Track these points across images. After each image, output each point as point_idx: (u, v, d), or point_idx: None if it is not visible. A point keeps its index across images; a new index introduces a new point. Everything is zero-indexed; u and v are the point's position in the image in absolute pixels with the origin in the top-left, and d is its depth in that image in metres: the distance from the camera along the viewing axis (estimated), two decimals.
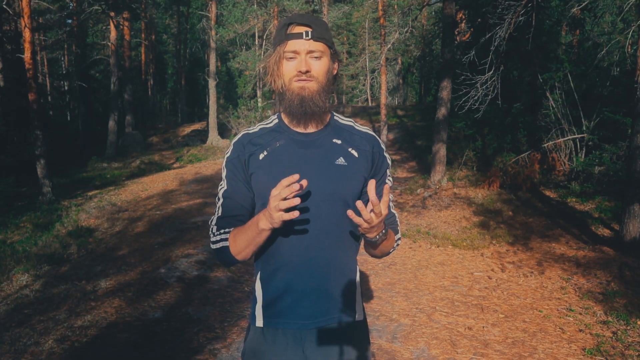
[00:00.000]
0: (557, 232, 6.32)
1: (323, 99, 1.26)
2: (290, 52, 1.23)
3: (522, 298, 4.31)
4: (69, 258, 5.64)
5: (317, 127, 1.31)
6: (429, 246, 6.12)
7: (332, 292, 1.29)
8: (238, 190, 1.31)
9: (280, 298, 1.29)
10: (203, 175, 11.41)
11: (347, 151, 1.31)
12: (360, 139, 1.34)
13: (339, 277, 1.30)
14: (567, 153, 8.56)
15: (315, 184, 1.24)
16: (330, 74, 1.29)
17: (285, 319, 1.29)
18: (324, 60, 1.25)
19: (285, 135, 1.32)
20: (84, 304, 3.87)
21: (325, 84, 1.26)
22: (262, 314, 1.32)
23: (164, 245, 5.55)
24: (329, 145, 1.30)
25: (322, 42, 1.24)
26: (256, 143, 1.33)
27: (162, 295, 4.00)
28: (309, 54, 1.23)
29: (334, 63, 1.30)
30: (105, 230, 6.88)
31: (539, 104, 9.54)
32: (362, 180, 1.30)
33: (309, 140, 1.30)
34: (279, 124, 1.36)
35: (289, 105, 1.27)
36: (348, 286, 1.32)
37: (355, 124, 1.39)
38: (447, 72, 8.94)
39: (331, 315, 1.30)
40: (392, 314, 3.87)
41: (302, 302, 1.27)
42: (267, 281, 1.32)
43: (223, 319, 3.60)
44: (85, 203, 8.83)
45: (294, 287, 1.27)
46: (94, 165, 14.98)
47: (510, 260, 5.51)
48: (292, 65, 1.24)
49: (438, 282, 4.73)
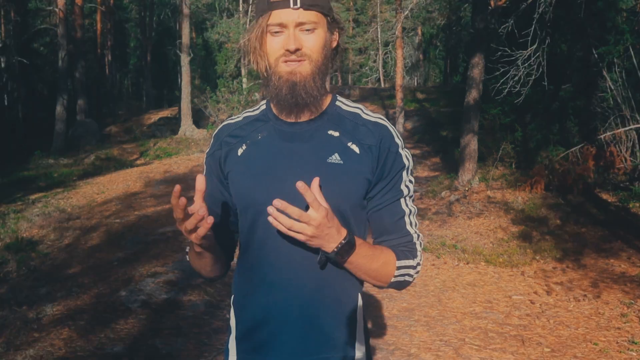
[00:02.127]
0: (616, 245, 6.32)
1: (318, 85, 1.24)
2: (275, 26, 1.20)
3: (573, 328, 4.31)
4: (7, 277, 5.64)
5: (310, 115, 1.29)
6: (457, 263, 6.12)
7: (322, 322, 1.25)
8: (212, 193, 1.31)
9: (257, 328, 1.27)
10: (174, 174, 11.41)
11: (346, 146, 1.27)
12: (365, 131, 1.29)
13: (332, 304, 1.26)
14: (629, 146, 8.56)
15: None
16: (327, 49, 1.26)
17: (263, 355, 1.27)
18: (318, 32, 1.22)
19: (269, 126, 1.31)
20: (25, 334, 3.87)
21: (321, 64, 1.24)
22: (236, 348, 1.32)
23: (125, 262, 5.55)
24: (322, 138, 1.27)
25: (315, 10, 1.20)
26: (236, 135, 1.33)
27: (122, 324, 4.00)
28: (298, 26, 1.20)
29: (332, 34, 1.28)
30: (52, 242, 6.89)
31: (594, 85, 9.56)
32: (365, 183, 1.26)
33: (296, 132, 1.28)
34: (265, 111, 1.35)
35: (276, 94, 1.25)
36: (345, 316, 1.28)
37: (364, 111, 1.34)
38: (479, 46, 8.95)
39: (322, 354, 1.25)
40: (410, 347, 3.87)
41: (283, 333, 1.24)
42: (240, 307, 1.32)
43: (199, 354, 3.61)
44: (27, 209, 8.82)
45: (272, 314, 1.25)
46: (37, 161, 14.98)
47: (558, 280, 5.52)
48: (278, 41, 1.21)
49: (468, 308, 4.73)
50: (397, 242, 1.28)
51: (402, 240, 1.29)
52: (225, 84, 16.71)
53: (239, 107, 15.40)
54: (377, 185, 1.28)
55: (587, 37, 9.36)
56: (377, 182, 1.28)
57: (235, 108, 15.41)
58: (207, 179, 1.29)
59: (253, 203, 1.25)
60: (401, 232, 1.29)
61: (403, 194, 1.29)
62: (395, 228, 1.29)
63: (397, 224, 1.29)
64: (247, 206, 1.27)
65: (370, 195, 1.29)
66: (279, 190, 1.18)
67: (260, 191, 1.23)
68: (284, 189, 1.18)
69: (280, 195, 1.11)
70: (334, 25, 1.28)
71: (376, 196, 1.28)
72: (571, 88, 10.01)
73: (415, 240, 1.30)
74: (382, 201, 1.28)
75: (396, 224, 1.29)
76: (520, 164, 10.08)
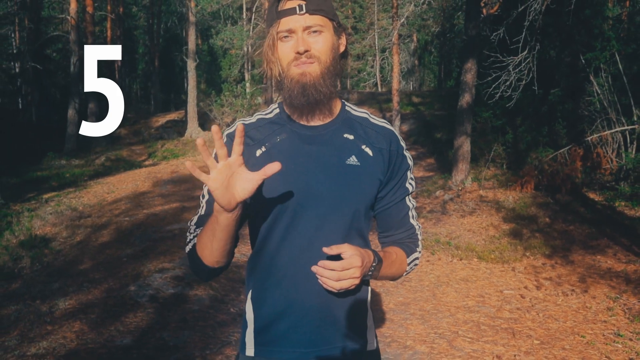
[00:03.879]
0: (603, 242, 6.32)
1: (328, 84, 1.25)
2: (284, 32, 1.23)
3: (562, 321, 4.32)
4: (21, 273, 5.65)
5: (324, 119, 1.31)
6: (450, 259, 6.12)
7: (337, 314, 1.28)
8: None
9: (275, 321, 1.28)
10: (181, 174, 11.42)
11: (361, 149, 1.30)
12: (376, 135, 1.33)
13: (346, 297, 1.29)
14: (614, 148, 8.57)
15: (321, 187, 1.24)
16: (335, 51, 1.27)
17: (280, 347, 1.28)
18: (325, 35, 1.24)
19: (287, 129, 1.32)
20: (39, 327, 3.87)
21: (330, 64, 1.25)
22: (254, 341, 1.32)
23: (134, 258, 5.55)
24: (339, 142, 1.30)
25: (320, 14, 1.23)
26: (253, 136, 1.33)
27: (131, 317, 4.00)
28: (306, 30, 1.22)
29: (339, 37, 1.30)
30: (64, 240, 6.89)
31: (581, 90, 9.55)
32: (377, 184, 1.30)
33: (315, 135, 1.30)
34: (280, 114, 1.36)
35: (289, 96, 1.26)
36: (357, 308, 1.32)
37: (371, 116, 1.38)
38: (472, 52, 8.95)
39: (336, 344, 1.28)
40: (406, 339, 3.87)
41: (301, 326, 1.27)
42: (259, 301, 1.32)
43: (204, 346, 3.61)
44: (40, 207, 8.83)
45: (291, 308, 1.27)
46: (50, 162, 14.98)
47: (547, 275, 5.52)
48: (288, 46, 1.23)
49: (461, 302, 4.73)
50: (403, 236, 1.37)
51: (407, 233, 1.38)
52: (229, 88, 16.71)
53: (242, 110, 15.41)
54: (387, 185, 1.33)
55: (575, 43, 9.36)
56: (387, 182, 1.33)
57: (239, 111, 15.42)
58: None
59: (275, 202, 1.26)
60: (406, 226, 1.38)
61: (408, 192, 1.37)
62: (401, 223, 1.37)
63: (404, 220, 1.37)
64: (269, 205, 1.27)
65: (381, 195, 1.34)
66: (303, 190, 1.22)
67: (283, 190, 1.25)
68: (306, 188, 1.21)
69: (304, 194, 1.18)
70: (340, 30, 1.30)
71: (387, 195, 1.34)
72: (560, 92, 10.00)
73: (417, 231, 1.40)
74: (391, 200, 1.35)
75: (402, 220, 1.37)
76: (511, 164, 10.08)
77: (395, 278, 1.35)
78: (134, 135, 20.46)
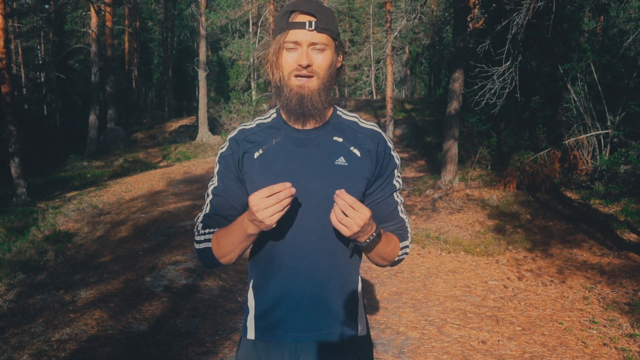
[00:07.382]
0: (579, 237, 6.32)
1: (323, 99, 1.27)
2: (291, 43, 1.23)
3: (541, 309, 4.32)
4: (46, 265, 5.65)
5: (316, 124, 1.32)
6: (439, 252, 6.12)
7: (330, 302, 1.30)
8: (229, 188, 1.33)
9: (274, 308, 1.30)
10: (192, 175, 11.42)
11: (349, 150, 1.31)
12: (364, 137, 1.34)
13: (339, 287, 1.31)
14: (590, 151, 8.57)
15: (312, 186, 1.25)
16: (333, 68, 1.29)
17: (279, 330, 1.29)
18: (327, 53, 1.25)
19: (282, 133, 1.33)
20: (62, 315, 3.88)
21: (326, 80, 1.27)
22: (255, 325, 1.33)
23: (150, 252, 5.56)
24: (328, 144, 1.31)
25: (326, 33, 1.24)
26: (252, 140, 1.34)
27: (147, 306, 4.01)
28: (311, 45, 1.23)
29: (338, 56, 1.31)
30: (86, 235, 6.89)
31: (560, 97, 9.56)
32: (365, 182, 1.31)
33: (307, 138, 1.31)
34: (276, 119, 1.37)
35: (286, 104, 1.28)
36: (349, 297, 1.33)
37: (360, 120, 1.39)
38: (459, 63, 8.95)
39: (330, 329, 1.30)
40: (398, 326, 3.88)
41: (297, 312, 1.28)
42: (259, 289, 1.33)
43: (214, 332, 3.61)
44: (64, 205, 8.83)
45: (288, 296, 1.28)
46: (73, 163, 14.99)
47: (528, 267, 5.52)
48: (293, 57, 1.24)
49: (449, 292, 4.73)
50: (394, 228, 1.37)
51: (397, 225, 1.37)
52: (236, 96, 16.72)
53: (248, 116, 15.40)
54: (375, 182, 1.34)
55: (554, 55, 9.35)
56: (375, 180, 1.33)
57: (246, 117, 15.42)
58: (224, 177, 1.34)
59: None
60: (396, 219, 1.38)
61: (396, 188, 1.37)
62: (391, 217, 1.37)
63: (393, 213, 1.37)
64: None
65: (370, 191, 1.34)
66: (296, 188, 1.22)
67: None
68: (299, 187, 1.21)
69: (297, 192, 1.17)
70: (340, 49, 1.31)
71: (375, 192, 1.34)
72: (540, 100, 10.00)
73: (406, 224, 1.40)
74: (380, 195, 1.35)
75: (392, 213, 1.37)
76: (495, 166, 10.08)
77: (387, 260, 1.33)
78: (150, 139, 20.45)
